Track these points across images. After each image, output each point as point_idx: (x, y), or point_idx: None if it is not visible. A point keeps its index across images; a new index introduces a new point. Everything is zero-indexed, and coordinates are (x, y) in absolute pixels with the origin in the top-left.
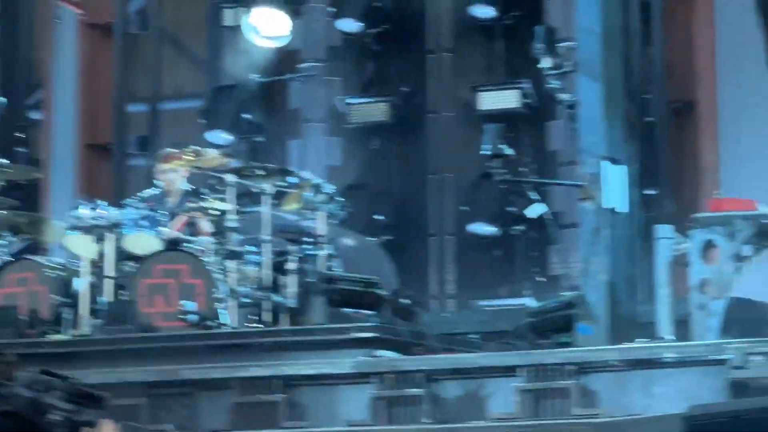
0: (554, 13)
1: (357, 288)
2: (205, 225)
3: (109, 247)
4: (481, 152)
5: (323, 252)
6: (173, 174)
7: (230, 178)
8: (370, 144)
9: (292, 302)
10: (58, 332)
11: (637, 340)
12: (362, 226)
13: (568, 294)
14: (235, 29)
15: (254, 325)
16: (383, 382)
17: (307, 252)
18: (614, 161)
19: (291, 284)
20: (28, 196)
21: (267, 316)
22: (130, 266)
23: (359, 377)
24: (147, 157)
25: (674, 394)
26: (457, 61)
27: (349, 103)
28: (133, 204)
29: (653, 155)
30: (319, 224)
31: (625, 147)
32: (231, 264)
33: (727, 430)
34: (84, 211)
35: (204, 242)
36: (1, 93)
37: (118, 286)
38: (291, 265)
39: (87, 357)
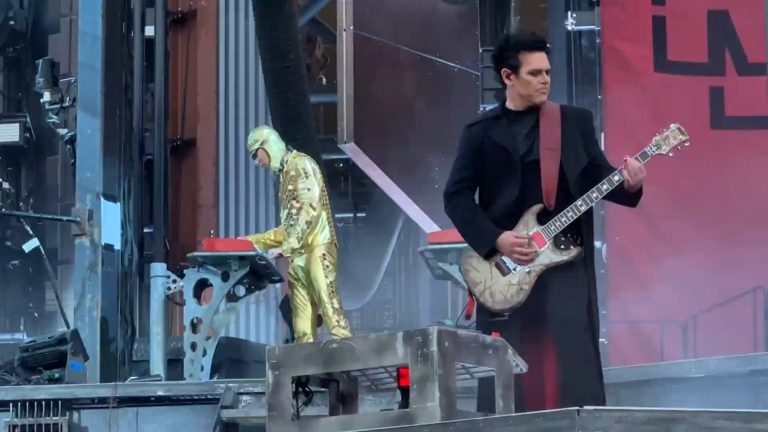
0: (57, 48)
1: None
2: None
3: None
4: None
5: None
6: None
7: None
8: None
9: None
10: None
11: (129, 378)
12: None
13: (61, 330)
14: None
15: None
16: None
17: None
18: (111, 198)
19: None
20: None
21: None
22: None
23: None
24: None
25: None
26: None
27: None
28: None
29: (151, 193)
30: None
31: (123, 184)
32: None
33: None
34: None
35: None
36: None
37: None
38: None
39: None
